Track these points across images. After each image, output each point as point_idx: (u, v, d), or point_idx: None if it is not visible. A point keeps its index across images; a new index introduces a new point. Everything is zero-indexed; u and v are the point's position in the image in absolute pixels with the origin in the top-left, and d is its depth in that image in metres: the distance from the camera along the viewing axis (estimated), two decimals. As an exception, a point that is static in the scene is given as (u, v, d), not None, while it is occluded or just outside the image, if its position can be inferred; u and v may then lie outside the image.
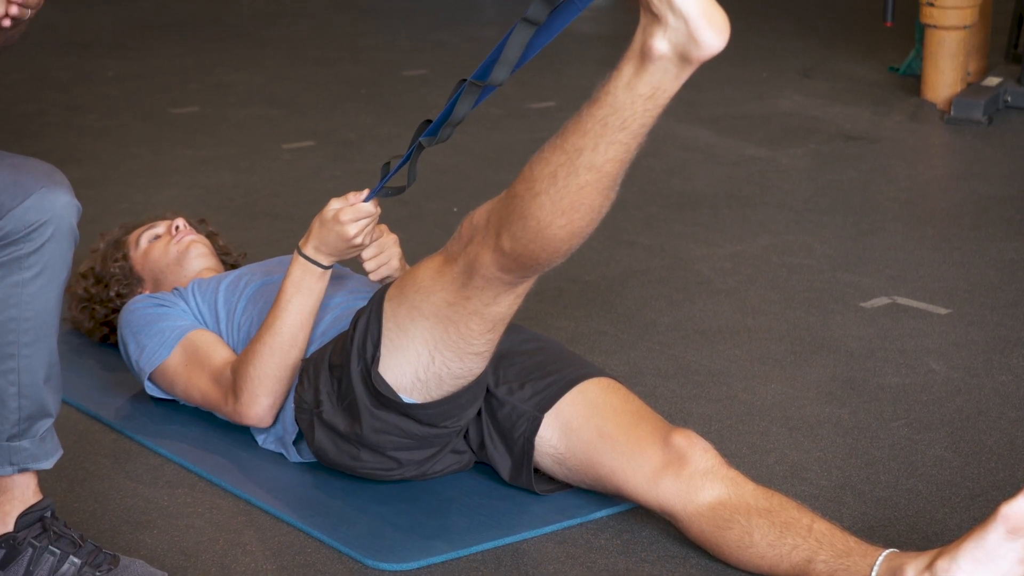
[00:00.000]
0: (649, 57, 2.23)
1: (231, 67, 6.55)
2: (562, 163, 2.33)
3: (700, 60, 2.22)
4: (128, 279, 3.37)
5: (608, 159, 2.31)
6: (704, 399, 3.24)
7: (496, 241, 2.45)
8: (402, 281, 2.67)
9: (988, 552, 2.26)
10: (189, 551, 2.67)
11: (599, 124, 2.30)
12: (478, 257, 2.50)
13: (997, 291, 3.84)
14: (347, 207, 2.81)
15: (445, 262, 2.58)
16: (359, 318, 2.72)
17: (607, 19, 7.74)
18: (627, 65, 2.27)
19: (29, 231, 2.31)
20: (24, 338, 2.36)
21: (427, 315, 2.61)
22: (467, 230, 2.54)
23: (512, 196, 2.42)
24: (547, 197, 2.36)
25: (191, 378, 3.04)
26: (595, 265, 4.07)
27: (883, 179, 4.85)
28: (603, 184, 2.34)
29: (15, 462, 2.43)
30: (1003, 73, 5.67)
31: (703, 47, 2.21)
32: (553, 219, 2.37)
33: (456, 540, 2.67)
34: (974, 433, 3.06)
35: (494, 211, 2.47)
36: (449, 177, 4.90)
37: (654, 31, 2.22)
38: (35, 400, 2.41)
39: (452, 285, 2.56)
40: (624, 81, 2.28)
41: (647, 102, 2.28)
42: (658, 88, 2.26)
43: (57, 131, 5.48)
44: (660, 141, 5.32)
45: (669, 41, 2.22)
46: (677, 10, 2.18)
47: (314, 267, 2.84)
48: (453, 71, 6.25)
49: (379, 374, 2.66)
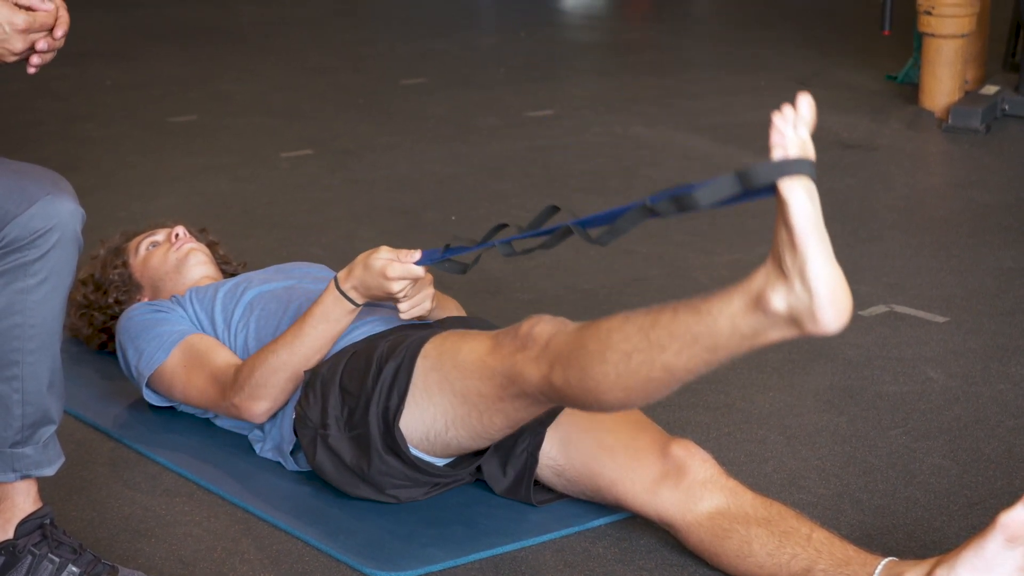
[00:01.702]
0: (762, 308, 2.14)
1: (230, 76, 6.56)
2: (641, 349, 2.28)
3: (811, 334, 2.13)
4: (127, 286, 3.37)
5: (686, 368, 2.26)
6: (702, 407, 3.24)
7: (548, 371, 2.42)
8: (442, 346, 2.65)
9: (987, 561, 2.26)
10: (187, 560, 2.67)
11: (690, 336, 2.23)
12: (524, 373, 2.47)
13: (995, 299, 3.84)
14: (397, 263, 2.76)
15: (491, 352, 2.54)
16: (387, 359, 2.69)
17: (606, 28, 7.75)
18: (738, 298, 2.17)
19: (34, 238, 2.31)
20: (29, 345, 2.36)
21: (456, 393, 2.61)
22: (525, 333, 2.49)
23: (582, 344, 2.37)
24: (614, 370, 2.32)
25: (190, 378, 3.04)
26: (593, 273, 4.07)
27: (881, 187, 4.86)
28: (671, 384, 2.30)
29: (18, 469, 2.43)
30: (1001, 81, 5.67)
31: (819, 325, 2.10)
32: (611, 390, 2.34)
33: (454, 549, 2.67)
34: (972, 441, 3.06)
35: (558, 339, 2.42)
36: (448, 186, 4.91)
37: (776, 286, 2.12)
38: (38, 407, 2.41)
39: (490, 381, 2.54)
40: (729, 312, 2.18)
41: (744, 340, 2.19)
42: (760, 334, 2.17)
43: (56, 140, 5.49)
44: (659, 150, 5.32)
45: (788, 304, 2.12)
46: (807, 282, 2.09)
47: (346, 303, 2.83)
48: (452, 80, 6.26)
49: (400, 429, 2.67)
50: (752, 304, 2.15)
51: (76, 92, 6.19)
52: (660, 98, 6.05)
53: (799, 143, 2.07)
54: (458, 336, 2.66)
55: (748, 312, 2.15)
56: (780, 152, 2.06)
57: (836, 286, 2.10)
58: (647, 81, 6.40)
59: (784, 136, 2.06)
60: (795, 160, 2.06)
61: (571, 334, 2.42)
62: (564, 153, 5.26)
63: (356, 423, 2.72)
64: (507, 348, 2.51)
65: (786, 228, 2.09)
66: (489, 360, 2.53)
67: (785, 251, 2.10)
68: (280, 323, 3.00)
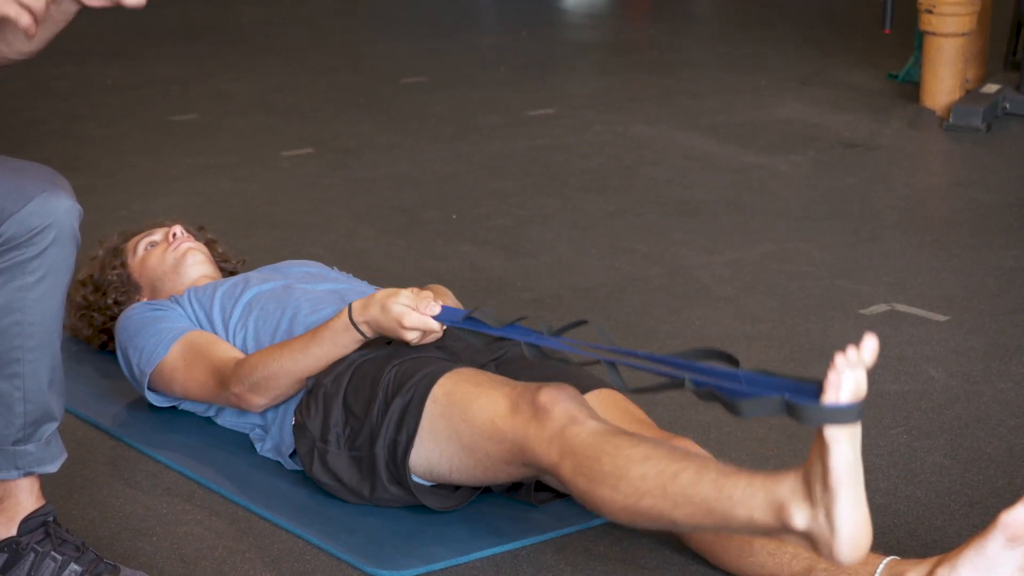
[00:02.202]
0: (782, 518, 2.13)
1: (230, 75, 6.56)
2: (655, 496, 2.28)
3: (824, 559, 2.16)
4: (126, 287, 3.37)
5: (690, 527, 2.27)
6: (702, 406, 3.23)
7: (559, 460, 2.42)
8: (453, 394, 2.62)
9: (988, 560, 2.26)
10: (188, 558, 2.67)
11: (706, 508, 2.22)
12: (535, 451, 2.46)
13: (996, 298, 3.84)
14: (415, 314, 2.71)
15: (505, 416, 2.52)
16: (394, 393, 2.68)
17: (606, 27, 7.75)
18: (761, 496, 2.16)
19: (31, 235, 2.30)
20: (29, 343, 2.36)
21: (464, 446, 2.61)
22: (543, 406, 2.46)
23: (597, 457, 2.35)
24: (623, 501, 2.32)
25: (190, 372, 3.03)
26: (595, 272, 4.07)
27: (882, 186, 4.86)
28: (670, 529, 2.33)
29: (20, 466, 2.43)
30: (1002, 80, 5.67)
31: (835, 558, 2.09)
32: (613, 512, 2.34)
33: (455, 547, 2.67)
34: (973, 440, 3.06)
35: (576, 435, 2.40)
36: (448, 185, 4.91)
37: (801, 507, 2.11)
38: (40, 404, 2.41)
39: (499, 445, 2.54)
40: (749, 506, 2.17)
41: (755, 532, 2.21)
42: (772, 534, 2.18)
43: (56, 139, 5.49)
44: (660, 149, 5.32)
45: (808, 527, 2.11)
46: (832, 520, 2.08)
47: (356, 333, 2.81)
48: (453, 79, 6.26)
49: (408, 468, 2.68)
50: (773, 510, 2.14)
51: (76, 91, 6.19)
52: (661, 97, 6.05)
53: (854, 388, 2.05)
54: (471, 384, 2.62)
55: (767, 514, 2.15)
56: (832, 395, 2.04)
57: (860, 529, 2.09)
58: (648, 80, 6.41)
59: (840, 379, 2.04)
60: (846, 408, 2.05)
61: (590, 438, 2.39)
62: (565, 152, 5.26)
63: (358, 446, 2.73)
64: (521, 416, 2.50)
65: (822, 464, 2.08)
66: (501, 424, 2.53)
67: (817, 482, 2.10)
68: (279, 324, 3.00)
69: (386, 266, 4.13)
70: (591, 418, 2.44)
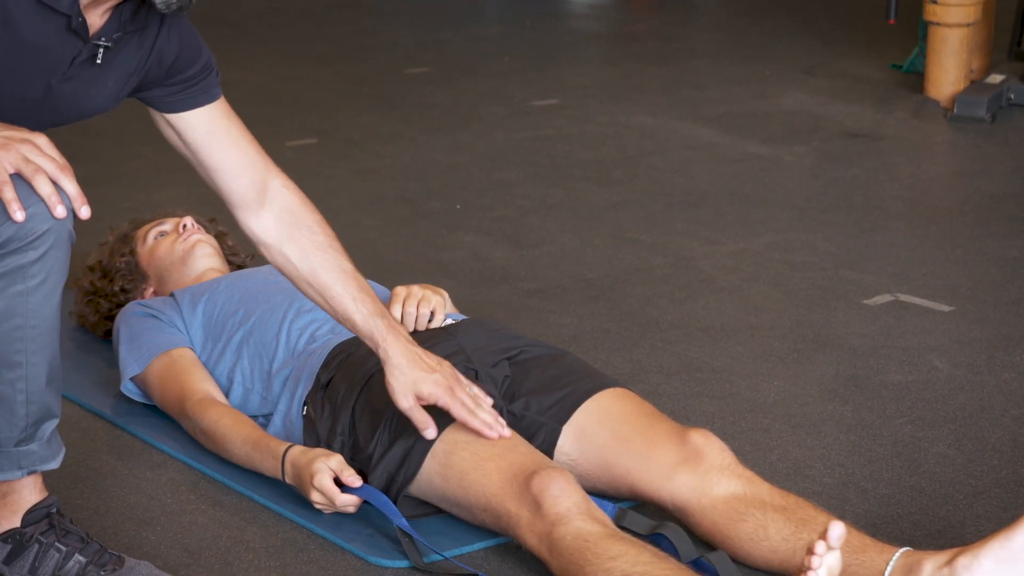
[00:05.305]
0: None
1: (234, 65, 6.55)
2: None
3: None
4: (133, 275, 3.37)
5: None
6: (707, 396, 3.24)
7: (547, 554, 2.46)
8: (450, 457, 2.64)
9: (1014, 554, 2.24)
10: (192, 548, 2.67)
11: None
12: (524, 537, 2.51)
13: (1000, 288, 3.84)
14: (327, 479, 2.69)
15: (497, 493, 2.56)
16: (397, 436, 2.69)
17: (609, 18, 7.74)
18: None
19: (32, 239, 2.29)
20: (31, 346, 2.35)
21: (457, 503, 2.65)
22: (536, 493, 2.49)
23: (580, 568, 2.40)
24: None
25: (164, 391, 3.05)
26: (598, 263, 4.07)
27: (886, 177, 4.85)
28: None
29: (24, 466, 2.43)
30: (1006, 70, 5.66)
31: None
32: None
33: (459, 537, 2.67)
34: (977, 430, 3.06)
35: (564, 536, 2.44)
36: (452, 175, 4.91)
37: None
38: (41, 404, 2.41)
39: (489, 515, 2.59)
40: None
41: None
42: None
43: (60, 131, 5.47)
44: (663, 139, 5.32)
45: None
46: None
47: (279, 470, 2.79)
48: (456, 69, 6.25)
49: (405, 496, 2.71)
50: None
51: (80, 82, 6.18)
52: (664, 88, 6.04)
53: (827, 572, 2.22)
54: (470, 452, 2.63)
55: None
56: None
57: None
58: (651, 71, 6.40)
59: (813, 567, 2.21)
60: None
61: (575, 542, 2.43)
62: (568, 142, 5.26)
63: (361, 461, 2.75)
64: (513, 499, 2.53)
65: None
66: (493, 501, 2.57)
67: None
68: (271, 369, 3.00)
69: (390, 256, 4.13)
70: (579, 515, 2.47)
